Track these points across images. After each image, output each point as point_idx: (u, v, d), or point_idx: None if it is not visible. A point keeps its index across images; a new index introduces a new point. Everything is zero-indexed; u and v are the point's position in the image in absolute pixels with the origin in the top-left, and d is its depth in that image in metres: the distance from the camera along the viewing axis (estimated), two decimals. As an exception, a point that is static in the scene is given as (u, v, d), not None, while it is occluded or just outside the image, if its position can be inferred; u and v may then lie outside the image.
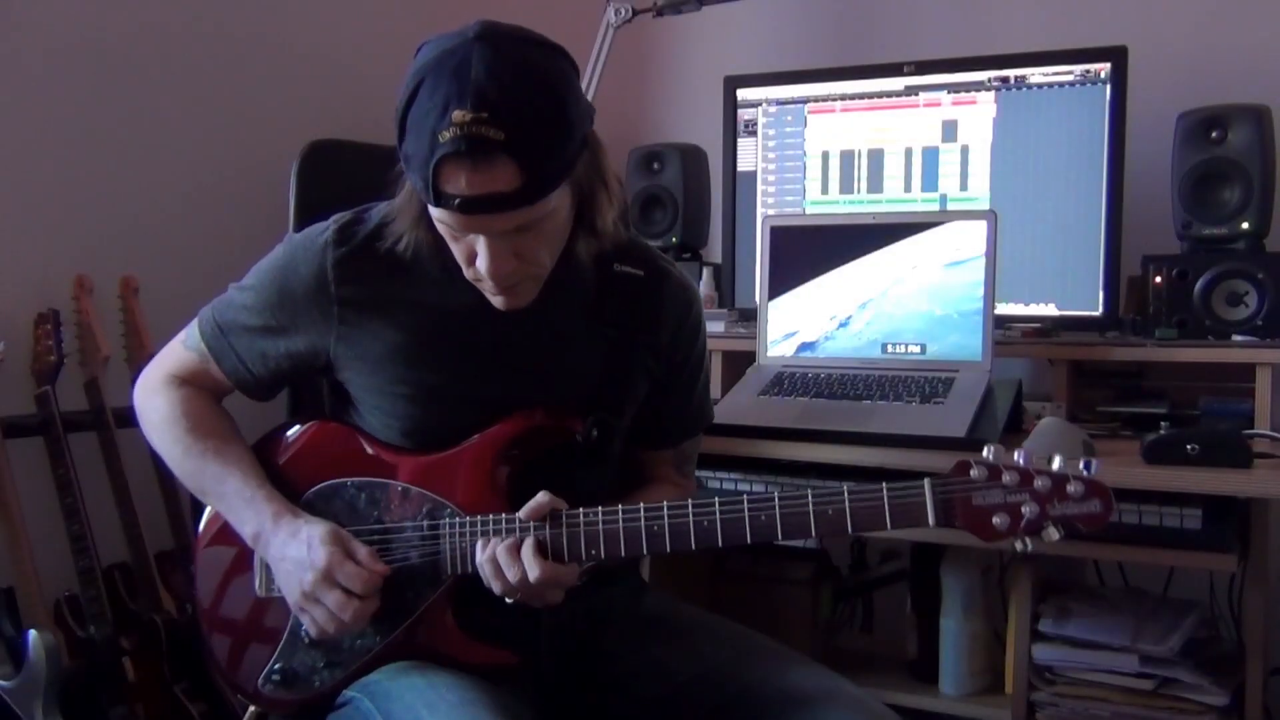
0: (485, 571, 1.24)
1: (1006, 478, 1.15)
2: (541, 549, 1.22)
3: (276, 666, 1.32)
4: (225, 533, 1.36)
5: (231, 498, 1.32)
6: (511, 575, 1.21)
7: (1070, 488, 1.14)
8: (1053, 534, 1.14)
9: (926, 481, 1.17)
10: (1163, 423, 1.80)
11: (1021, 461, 1.16)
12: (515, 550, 1.22)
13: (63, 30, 2.07)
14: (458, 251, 1.23)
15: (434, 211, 1.19)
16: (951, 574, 1.88)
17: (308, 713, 1.33)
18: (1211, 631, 1.78)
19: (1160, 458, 1.55)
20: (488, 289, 1.25)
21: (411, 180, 1.20)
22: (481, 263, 1.20)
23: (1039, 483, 1.15)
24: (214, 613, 1.38)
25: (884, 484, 1.18)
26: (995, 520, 1.15)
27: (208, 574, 1.39)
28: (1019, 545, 1.17)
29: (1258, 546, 1.65)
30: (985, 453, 1.17)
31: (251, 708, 1.41)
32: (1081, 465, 1.15)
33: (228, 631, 1.37)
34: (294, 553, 1.26)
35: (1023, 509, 1.15)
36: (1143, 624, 1.72)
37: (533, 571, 1.21)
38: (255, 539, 1.30)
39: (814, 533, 1.20)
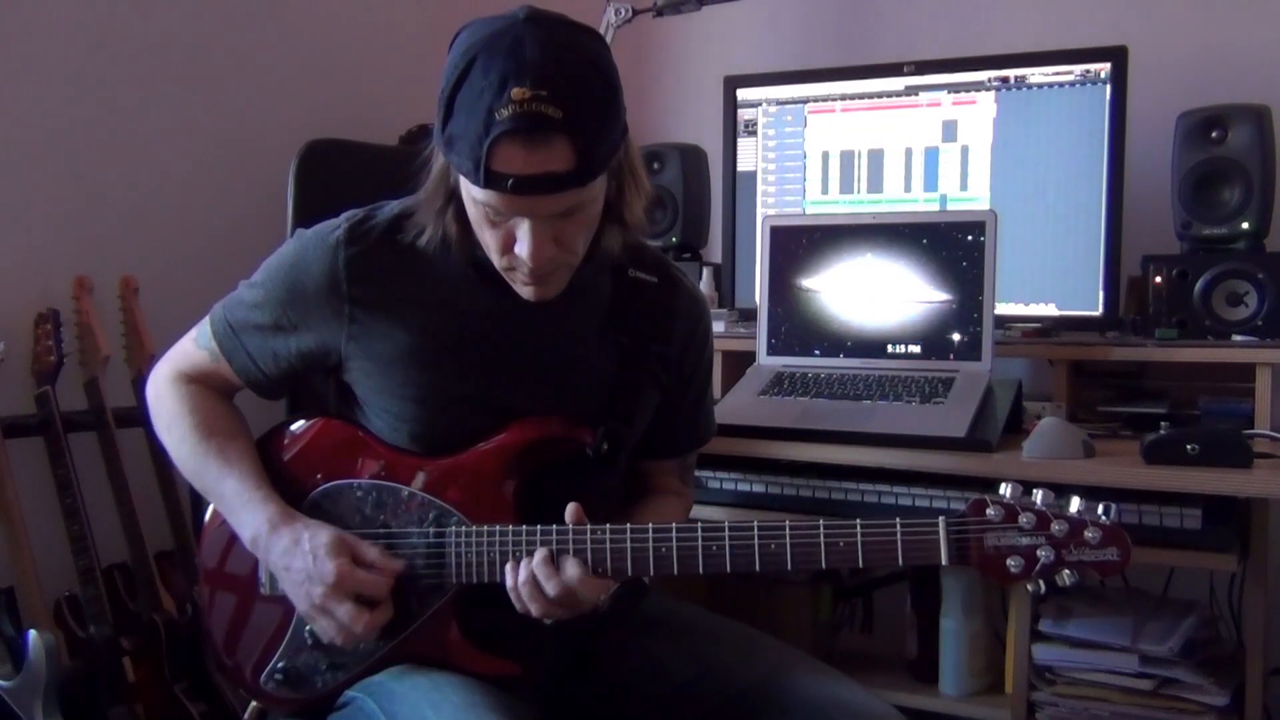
0: (521, 594, 1.22)
1: (1023, 520, 1.14)
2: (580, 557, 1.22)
3: (279, 665, 1.32)
4: (229, 528, 1.35)
5: (230, 499, 1.31)
6: (551, 589, 1.20)
7: (1088, 534, 1.13)
8: (1066, 579, 1.14)
9: (941, 520, 1.16)
10: (1163, 423, 1.80)
11: (1039, 503, 1.15)
12: (550, 561, 1.21)
13: (63, 30, 2.07)
14: (494, 239, 1.21)
15: (478, 194, 1.17)
16: (952, 574, 1.88)
17: (309, 712, 1.33)
18: (1211, 631, 1.78)
19: (1160, 458, 1.54)
20: (520, 279, 1.24)
21: (456, 163, 1.17)
22: (523, 248, 1.18)
23: (1056, 527, 1.14)
24: (217, 608, 1.37)
25: (898, 519, 1.17)
26: (1009, 563, 1.14)
27: (211, 569, 1.38)
28: (1031, 587, 1.16)
29: (1258, 546, 1.65)
30: (1003, 491, 1.16)
31: (253, 703, 1.42)
32: (1100, 511, 1.15)
33: (231, 627, 1.36)
34: (299, 564, 1.24)
35: (1038, 553, 1.14)
36: (1143, 624, 1.72)
37: (572, 571, 1.20)
38: (253, 543, 1.29)
39: (824, 564, 1.19)
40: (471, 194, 1.19)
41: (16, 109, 2.01)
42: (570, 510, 1.23)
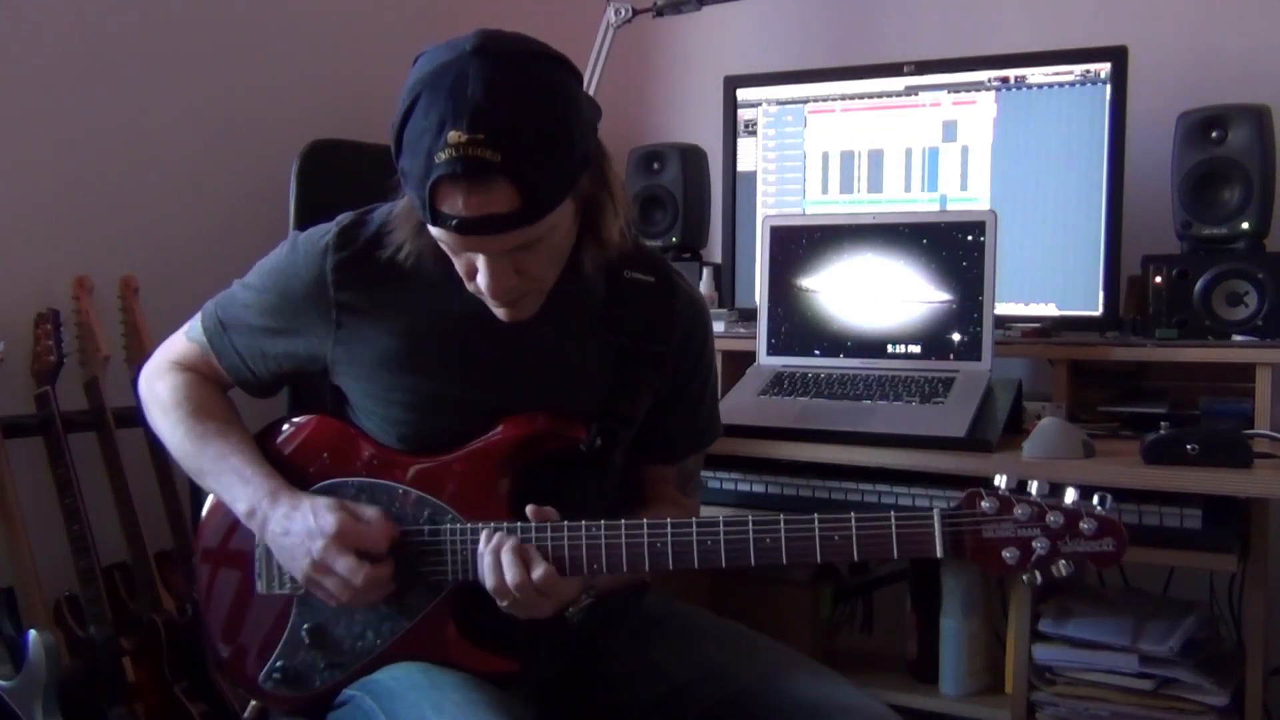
0: (484, 564, 1.22)
1: (1018, 511, 1.14)
2: (545, 554, 1.22)
3: (278, 665, 1.32)
4: (227, 527, 1.36)
5: (229, 475, 1.31)
6: (511, 576, 1.20)
7: (1084, 525, 1.13)
8: (1062, 570, 1.13)
9: (936, 512, 1.16)
10: (1163, 423, 1.80)
11: (1035, 494, 1.15)
12: (520, 552, 1.21)
13: (63, 30, 2.07)
14: (459, 265, 1.22)
15: (432, 230, 1.18)
16: (951, 574, 1.88)
17: (308, 710, 1.33)
18: (1211, 631, 1.78)
19: (1160, 458, 1.54)
20: (490, 302, 1.24)
21: (409, 196, 1.18)
22: (482, 280, 1.19)
23: (1051, 518, 1.13)
24: (215, 608, 1.37)
25: (892, 512, 1.17)
26: (1005, 554, 1.14)
27: (209, 569, 1.38)
28: (1026, 579, 1.16)
29: (1258, 546, 1.65)
30: (997, 482, 1.16)
31: (253, 702, 1.42)
32: (1095, 501, 1.14)
33: (229, 627, 1.36)
34: (298, 525, 1.25)
35: (1034, 544, 1.14)
36: (1143, 624, 1.72)
37: (536, 570, 1.20)
38: (250, 516, 1.29)
39: (819, 558, 1.19)
40: (430, 228, 1.19)
41: (16, 109, 2.01)
42: (532, 510, 1.24)
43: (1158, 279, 1.88)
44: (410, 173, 1.14)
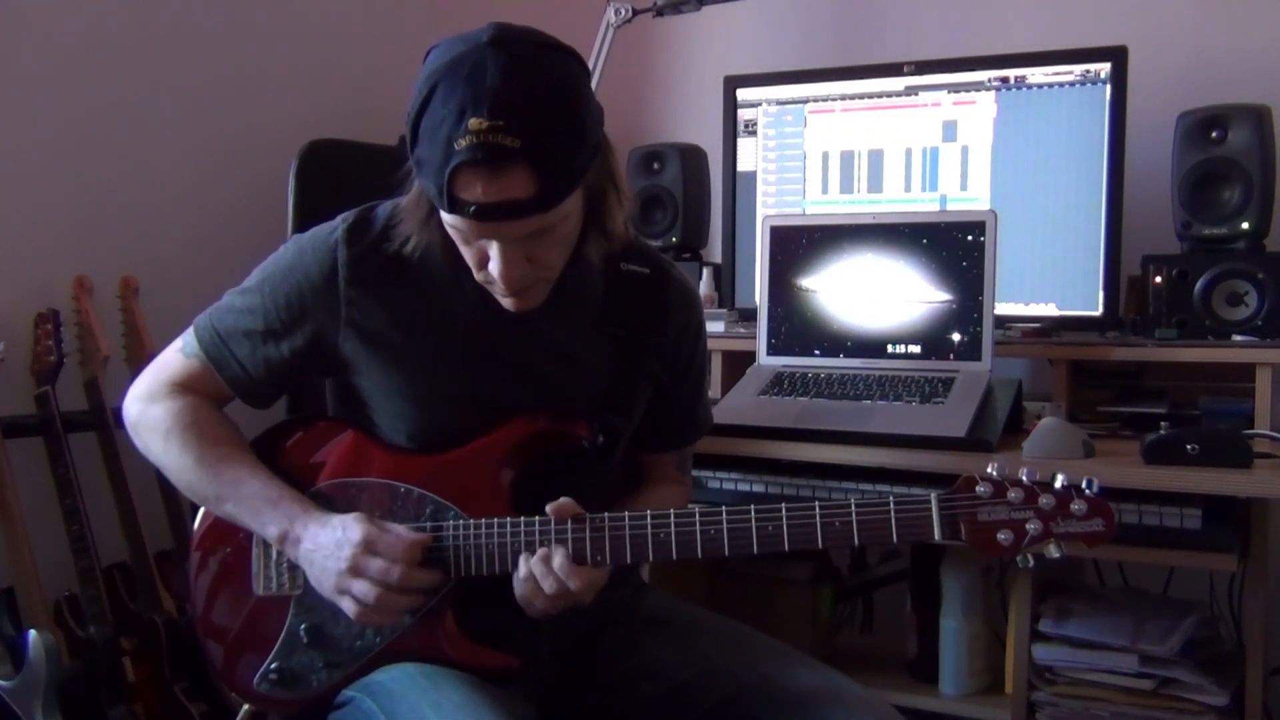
0: (522, 591, 1.24)
1: (1011, 494, 1.18)
2: (578, 557, 1.23)
3: (273, 666, 1.32)
4: (222, 531, 1.35)
5: (253, 500, 1.30)
6: (548, 587, 1.21)
7: (1074, 506, 1.17)
8: (1053, 551, 1.17)
9: (933, 496, 1.19)
10: (1163, 423, 1.80)
11: (1026, 478, 1.18)
12: (547, 562, 1.22)
13: (63, 30, 2.07)
14: (469, 255, 1.23)
15: (447, 218, 1.19)
16: (951, 574, 1.88)
17: (306, 713, 1.32)
18: (1211, 631, 1.78)
19: (1160, 458, 1.54)
20: (498, 291, 1.25)
21: (424, 185, 1.19)
22: (494, 267, 1.20)
23: (1043, 500, 1.17)
24: (209, 612, 1.37)
25: (890, 498, 1.20)
26: (1000, 536, 1.18)
27: (203, 573, 1.38)
28: (1020, 561, 1.20)
29: (1258, 546, 1.65)
30: (990, 469, 1.19)
31: (245, 706, 1.41)
32: (1084, 483, 1.18)
33: (224, 630, 1.36)
34: (327, 539, 1.24)
35: (1026, 526, 1.17)
36: (1143, 624, 1.72)
37: (573, 582, 1.21)
38: (283, 539, 1.28)
39: (820, 544, 1.21)
40: (444, 216, 1.20)
41: (17, 109, 2.01)
42: (552, 508, 1.24)
43: (1158, 279, 1.88)
44: (427, 161, 1.14)
